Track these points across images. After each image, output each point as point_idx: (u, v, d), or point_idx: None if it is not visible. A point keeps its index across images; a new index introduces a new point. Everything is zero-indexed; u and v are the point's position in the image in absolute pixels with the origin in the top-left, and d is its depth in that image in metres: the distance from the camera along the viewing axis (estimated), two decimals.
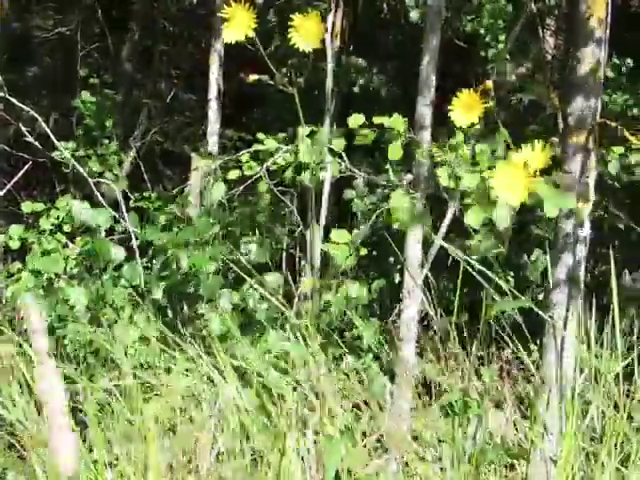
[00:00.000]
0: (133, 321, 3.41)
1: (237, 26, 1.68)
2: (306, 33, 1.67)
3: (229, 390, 2.21)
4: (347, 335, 3.45)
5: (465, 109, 1.65)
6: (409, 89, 3.88)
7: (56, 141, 4.41)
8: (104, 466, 2.03)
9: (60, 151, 4.48)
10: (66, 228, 4.04)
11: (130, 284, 3.58)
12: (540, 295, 4.22)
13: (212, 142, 4.65)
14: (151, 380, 2.47)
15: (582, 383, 2.02)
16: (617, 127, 2.91)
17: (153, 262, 3.74)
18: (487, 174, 1.87)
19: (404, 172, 3.62)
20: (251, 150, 3.83)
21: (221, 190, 3.83)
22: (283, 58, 5.69)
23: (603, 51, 2.79)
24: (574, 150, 2.81)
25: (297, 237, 4.29)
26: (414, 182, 3.28)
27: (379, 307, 4.67)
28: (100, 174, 4.80)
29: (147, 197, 4.17)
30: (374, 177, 3.69)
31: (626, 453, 1.90)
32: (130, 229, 3.80)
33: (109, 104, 5.83)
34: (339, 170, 3.65)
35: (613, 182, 4.47)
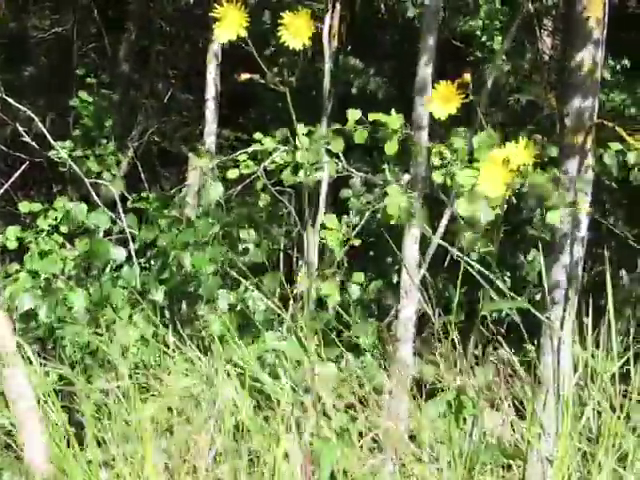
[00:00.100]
0: (132, 322, 3.41)
1: (229, 25, 1.69)
2: (296, 31, 1.68)
3: (227, 391, 2.21)
4: (345, 335, 3.45)
5: (443, 101, 1.67)
6: (406, 89, 3.88)
7: (53, 141, 4.41)
8: (99, 466, 2.02)
9: (57, 151, 4.48)
10: (63, 229, 4.03)
11: (129, 285, 3.58)
12: (537, 295, 4.22)
13: (209, 142, 4.65)
14: (149, 381, 2.46)
15: (578, 383, 2.02)
16: (614, 127, 2.91)
17: (151, 263, 3.74)
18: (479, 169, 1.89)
19: (402, 172, 3.61)
20: (249, 150, 3.83)
21: (218, 190, 3.83)
22: (280, 58, 5.70)
23: (600, 52, 2.79)
24: (571, 150, 2.82)
25: (294, 237, 4.28)
26: (412, 182, 3.28)
27: (377, 307, 4.67)
28: (98, 174, 4.79)
29: (145, 198, 4.16)
30: (371, 177, 3.69)
31: (623, 453, 1.90)
32: (127, 231, 3.79)
33: (106, 104, 5.83)
34: (336, 170, 3.66)
35: (610, 182, 4.48)
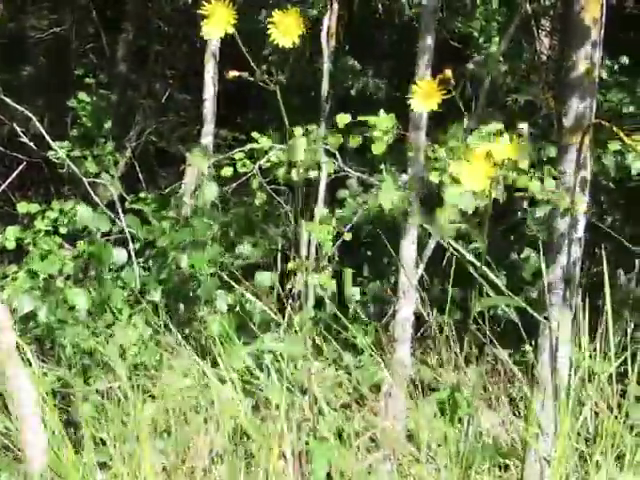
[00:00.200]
0: (131, 323, 3.40)
1: (217, 23, 1.71)
2: (286, 30, 1.69)
3: (225, 392, 2.21)
4: (342, 335, 3.45)
5: (424, 97, 1.69)
6: (404, 89, 3.87)
7: (51, 141, 4.40)
8: (96, 468, 2.02)
9: (55, 151, 4.47)
10: (62, 229, 4.02)
11: (128, 286, 3.57)
12: (533, 293, 4.22)
13: (207, 142, 4.64)
14: (147, 382, 2.46)
15: (576, 383, 2.02)
16: (612, 127, 2.91)
17: (149, 264, 3.73)
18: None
19: (399, 172, 3.61)
20: (245, 149, 3.83)
21: (213, 190, 3.83)
22: (277, 58, 5.70)
23: (598, 52, 2.79)
24: (569, 150, 2.81)
25: (291, 238, 4.28)
26: (409, 182, 3.28)
27: (374, 307, 4.67)
28: (96, 175, 4.79)
29: (143, 198, 4.16)
30: (368, 177, 3.69)
31: (620, 453, 1.90)
32: (126, 232, 3.79)
33: (104, 104, 5.82)
34: (333, 170, 3.66)
35: (608, 182, 4.48)
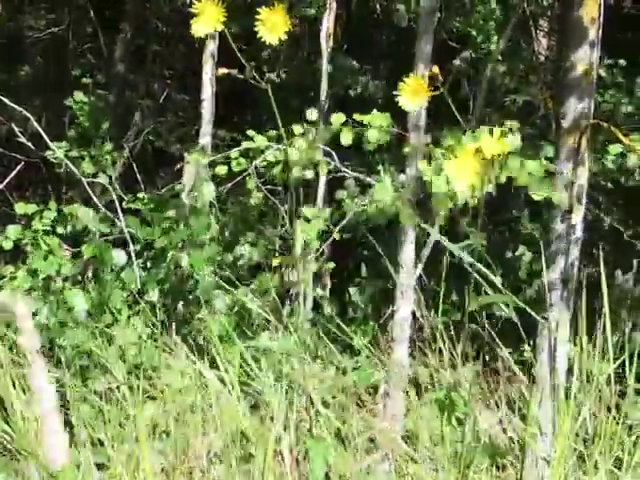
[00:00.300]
0: (130, 323, 3.40)
1: (206, 21, 1.72)
2: (272, 27, 1.71)
3: (224, 392, 2.21)
4: (340, 336, 3.45)
5: (412, 94, 1.69)
6: None
7: (49, 141, 4.40)
8: (92, 467, 2.02)
9: (53, 151, 4.47)
10: (60, 229, 4.02)
11: (128, 286, 3.57)
12: (529, 292, 4.22)
13: (205, 142, 4.63)
14: (146, 383, 2.46)
15: (574, 384, 2.02)
16: (610, 128, 2.91)
17: (147, 264, 3.73)
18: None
19: (397, 172, 3.61)
20: (241, 148, 3.83)
21: (211, 190, 3.82)
22: (277, 58, 5.70)
23: (596, 52, 2.79)
24: (567, 151, 2.81)
25: (289, 238, 4.28)
26: (406, 182, 3.28)
27: (372, 308, 4.67)
28: (93, 175, 4.78)
29: (141, 198, 4.16)
30: (365, 177, 3.69)
31: (618, 454, 1.90)
32: (126, 232, 3.79)
33: (102, 104, 5.82)
34: (330, 170, 3.66)
35: (606, 183, 4.48)
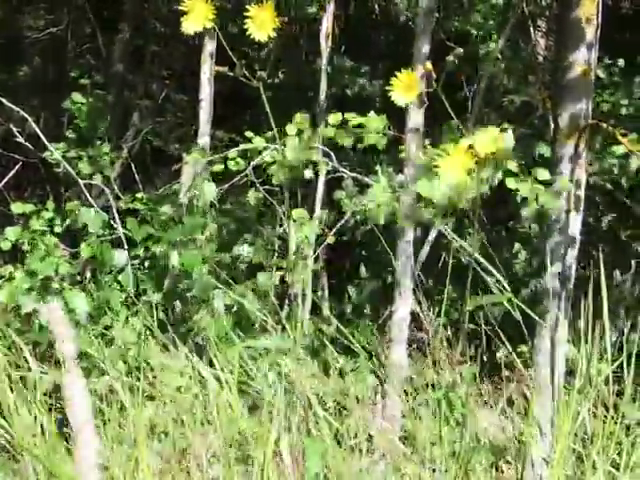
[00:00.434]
0: (128, 324, 3.39)
1: (195, 18, 1.73)
2: (261, 24, 1.72)
3: (222, 392, 2.21)
4: (339, 336, 3.45)
5: (404, 89, 1.69)
6: None
7: (47, 142, 4.39)
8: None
9: (51, 152, 4.46)
10: (57, 229, 4.02)
11: (126, 287, 3.56)
12: (525, 291, 4.22)
13: (203, 142, 4.63)
14: (144, 383, 2.46)
15: (573, 384, 2.02)
16: (608, 128, 2.91)
17: (145, 264, 3.73)
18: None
19: (395, 173, 3.61)
20: (239, 149, 3.83)
21: (212, 190, 3.82)
22: (277, 58, 5.70)
23: (594, 53, 2.79)
24: (565, 151, 2.81)
25: (287, 239, 4.28)
26: (404, 183, 3.28)
27: (371, 308, 4.67)
28: (91, 175, 4.77)
29: (139, 198, 4.15)
30: (363, 177, 3.69)
31: (617, 454, 1.90)
32: (121, 234, 3.79)
33: (100, 105, 5.81)
34: (328, 170, 3.66)
35: (604, 183, 4.48)
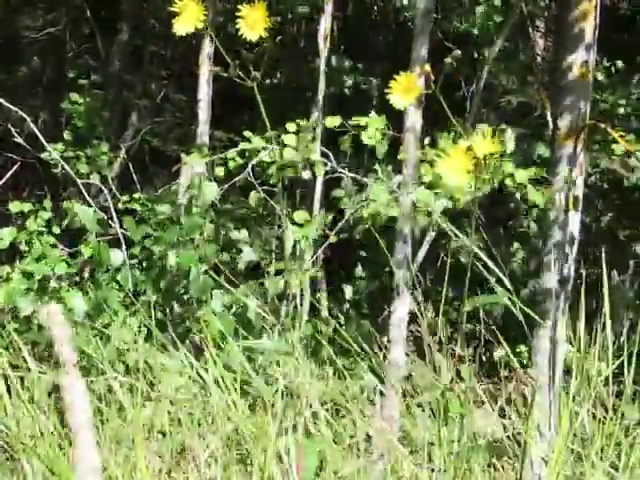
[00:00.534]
0: (126, 324, 3.39)
1: (187, 19, 1.74)
2: (253, 23, 1.72)
3: (222, 393, 2.21)
4: (337, 336, 3.45)
5: (403, 92, 1.69)
6: None
7: (45, 142, 4.39)
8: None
9: (49, 152, 4.46)
10: (55, 229, 4.02)
11: (124, 287, 3.56)
12: (523, 291, 4.22)
13: (202, 142, 4.63)
14: (143, 383, 2.46)
15: (572, 384, 2.02)
16: (606, 128, 2.92)
17: (143, 264, 3.72)
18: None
19: (394, 173, 3.61)
20: (238, 149, 3.84)
21: (213, 190, 3.82)
22: (276, 59, 5.70)
23: (592, 53, 2.80)
24: (564, 152, 2.82)
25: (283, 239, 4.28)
26: (403, 183, 3.28)
27: (369, 308, 4.67)
28: (89, 175, 4.77)
29: (137, 199, 4.15)
30: (362, 177, 3.70)
31: (616, 454, 1.90)
32: (119, 233, 3.78)
33: (99, 105, 5.81)
34: (327, 170, 3.66)
35: (602, 183, 4.49)
